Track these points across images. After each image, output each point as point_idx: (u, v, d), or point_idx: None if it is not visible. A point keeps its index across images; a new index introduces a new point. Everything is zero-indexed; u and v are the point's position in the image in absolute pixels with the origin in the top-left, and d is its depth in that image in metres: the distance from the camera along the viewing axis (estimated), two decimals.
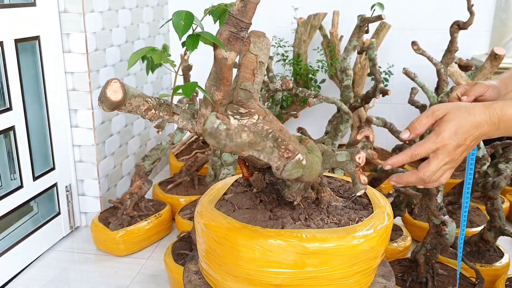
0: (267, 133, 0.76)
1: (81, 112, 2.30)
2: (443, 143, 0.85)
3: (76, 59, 2.24)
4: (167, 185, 2.58)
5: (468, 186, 1.23)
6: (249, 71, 0.80)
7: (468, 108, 0.87)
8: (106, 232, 2.16)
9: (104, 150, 2.43)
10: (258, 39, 0.82)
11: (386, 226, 0.97)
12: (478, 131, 0.86)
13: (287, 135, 0.78)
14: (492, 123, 0.86)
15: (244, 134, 0.75)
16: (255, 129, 0.76)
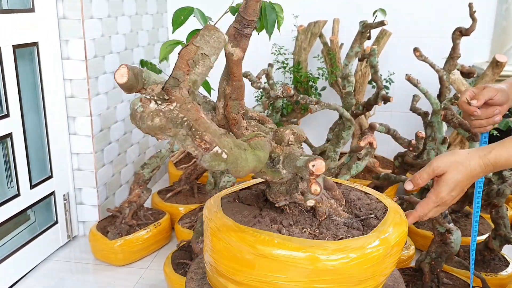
0: (181, 121, 0.78)
1: (79, 120, 2.27)
2: (442, 201, 0.99)
3: (75, 66, 2.21)
4: (166, 194, 2.54)
5: (477, 207, 1.24)
6: (184, 61, 0.81)
7: (465, 164, 0.97)
8: (104, 241, 2.12)
9: (102, 158, 2.39)
10: (208, 32, 0.82)
11: (368, 254, 0.87)
12: (473, 180, 0.98)
13: (203, 126, 0.79)
14: (487, 171, 0.98)
15: (156, 118, 0.78)
16: (169, 115, 0.78)
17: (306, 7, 2.99)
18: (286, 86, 2.29)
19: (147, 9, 2.84)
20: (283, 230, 0.91)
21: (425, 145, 2.18)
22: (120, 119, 2.56)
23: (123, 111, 2.59)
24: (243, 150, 0.83)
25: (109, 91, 2.42)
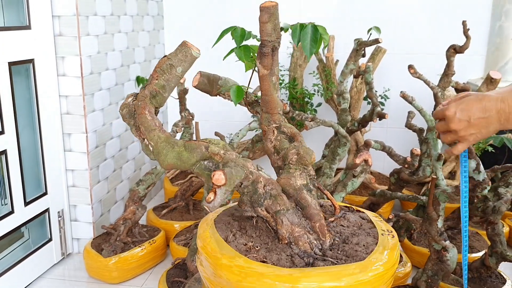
0: (133, 114, 1.02)
1: (75, 136, 2.27)
2: (448, 110, 0.98)
3: (70, 83, 2.22)
4: (162, 210, 2.53)
5: (465, 185, 1.22)
6: (156, 69, 1.01)
7: (479, 96, 0.97)
8: (99, 259, 2.11)
9: (98, 174, 2.38)
10: (181, 48, 1.00)
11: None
12: (483, 114, 0.96)
13: (141, 120, 0.98)
14: (502, 111, 0.94)
15: (125, 109, 1.05)
16: (130, 108, 1.04)
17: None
18: (282, 103, 2.29)
19: (144, 26, 2.86)
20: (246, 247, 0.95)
21: (421, 162, 2.18)
22: (116, 135, 2.56)
23: (119, 127, 2.58)
24: (171, 147, 0.94)
25: (105, 107, 2.42)
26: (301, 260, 0.91)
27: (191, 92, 2.97)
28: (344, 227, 1.04)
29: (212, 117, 3.22)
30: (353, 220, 1.06)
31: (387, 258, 0.92)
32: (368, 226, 1.04)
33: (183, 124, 2.22)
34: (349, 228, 1.04)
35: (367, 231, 1.02)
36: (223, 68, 3.13)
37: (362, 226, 1.04)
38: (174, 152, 0.95)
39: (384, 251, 0.94)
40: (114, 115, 2.53)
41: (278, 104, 1.02)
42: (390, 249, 0.95)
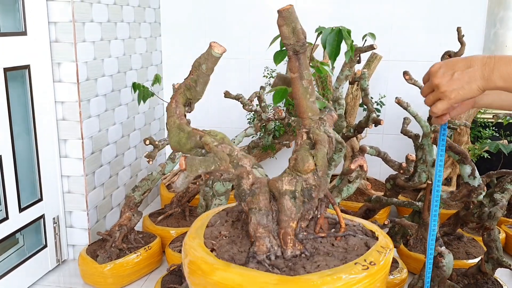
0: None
1: (70, 142, 2.27)
2: (433, 66, 0.95)
3: (66, 89, 2.22)
4: (158, 217, 2.52)
5: (441, 159, 1.16)
6: (192, 67, 1.11)
7: (467, 56, 0.95)
8: (94, 266, 2.10)
9: (93, 180, 2.38)
10: (208, 48, 1.07)
11: None
12: (467, 67, 0.91)
13: (168, 111, 1.09)
14: (487, 65, 0.91)
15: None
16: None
17: None
18: (277, 109, 2.30)
19: (141, 33, 2.86)
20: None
21: (416, 168, 2.18)
22: (112, 141, 2.55)
23: (115, 133, 2.58)
24: (178, 132, 1.04)
25: (101, 113, 2.42)
26: (248, 259, 0.91)
27: None
28: (329, 246, 0.96)
29: (208, 123, 3.22)
30: (351, 244, 0.97)
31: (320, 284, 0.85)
32: (357, 253, 0.96)
33: None
34: (332, 248, 0.96)
35: (347, 256, 0.94)
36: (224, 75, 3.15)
37: (351, 251, 0.96)
38: (178, 137, 1.04)
39: (332, 276, 0.86)
40: (110, 121, 2.53)
41: (309, 109, 1.00)
42: (338, 280, 0.86)
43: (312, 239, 0.96)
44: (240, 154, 1.01)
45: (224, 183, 1.93)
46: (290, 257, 0.92)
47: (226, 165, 0.99)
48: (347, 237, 0.99)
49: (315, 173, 0.95)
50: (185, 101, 1.11)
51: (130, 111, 2.74)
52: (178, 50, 3.18)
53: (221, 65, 3.18)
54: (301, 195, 0.94)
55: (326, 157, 0.97)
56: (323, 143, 0.97)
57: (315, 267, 0.88)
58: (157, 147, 2.09)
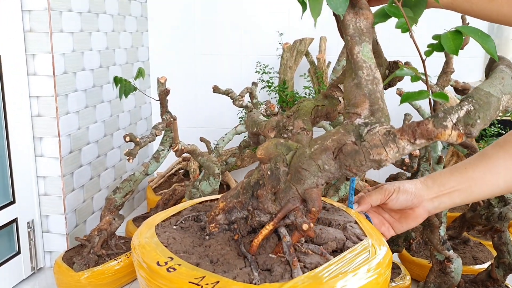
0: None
1: (46, 140, 2.10)
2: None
3: (42, 82, 2.05)
4: (142, 221, 2.35)
5: None
6: None
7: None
8: (70, 274, 1.92)
9: (72, 182, 2.21)
10: None
11: None
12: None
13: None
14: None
15: None
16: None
17: (291, 25, 2.87)
18: (269, 104, 2.14)
19: (126, 27, 2.71)
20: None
21: (419, 166, 2.03)
22: (93, 140, 2.39)
23: (97, 132, 2.42)
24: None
25: (80, 110, 2.26)
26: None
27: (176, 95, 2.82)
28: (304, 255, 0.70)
29: (198, 122, 3.06)
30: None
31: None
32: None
33: (163, 127, 2.06)
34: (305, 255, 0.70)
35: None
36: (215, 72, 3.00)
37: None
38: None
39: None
40: (91, 119, 2.36)
41: (346, 95, 0.68)
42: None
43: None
44: (296, 132, 0.78)
45: (211, 182, 1.76)
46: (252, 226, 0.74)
47: (264, 131, 0.82)
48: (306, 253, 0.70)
49: (273, 169, 0.69)
50: None
51: (113, 109, 2.58)
52: (166, 47, 3.02)
53: (212, 61, 3.04)
54: (247, 184, 0.73)
55: (302, 160, 0.66)
56: (313, 142, 0.68)
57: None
58: (138, 145, 1.93)
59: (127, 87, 2.11)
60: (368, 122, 0.65)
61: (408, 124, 0.63)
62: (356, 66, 0.67)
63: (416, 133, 0.61)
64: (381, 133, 0.63)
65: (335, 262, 0.66)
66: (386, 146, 0.62)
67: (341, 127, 0.67)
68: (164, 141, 2.13)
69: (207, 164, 1.75)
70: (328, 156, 0.65)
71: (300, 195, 0.67)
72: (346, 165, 0.64)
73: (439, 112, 0.62)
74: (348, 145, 0.64)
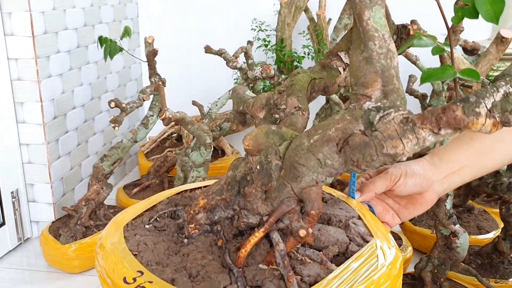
0: None
1: (28, 105, 1.97)
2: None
3: (20, 43, 1.91)
4: (133, 189, 2.26)
5: None
6: None
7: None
8: (56, 246, 1.84)
9: (57, 149, 2.10)
10: None
11: None
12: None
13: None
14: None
15: None
16: None
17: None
18: (265, 66, 2.00)
19: None
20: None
21: None
22: (79, 104, 2.26)
23: (83, 95, 2.29)
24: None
25: (64, 72, 2.12)
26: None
27: (166, 54, 2.67)
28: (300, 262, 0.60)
29: (191, 84, 2.92)
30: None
31: None
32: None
33: (151, 91, 1.93)
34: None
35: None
36: (208, 30, 2.83)
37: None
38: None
39: None
40: (76, 82, 2.22)
41: (354, 71, 0.56)
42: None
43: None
44: (289, 112, 0.67)
45: (202, 153, 1.65)
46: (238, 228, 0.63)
47: (252, 111, 0.69)
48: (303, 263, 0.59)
49: (262, 162, 0.57)
50: None
51: (100, 70, 2.43)
52: (156, 3, 2.84)
53: (205, 18, 2.87)
54: (233, 179, 0.61)
55: (299, 153, 0.55)
56: (313, 131, 0.56)
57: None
58: (125, 111, 1.80)
59: (113, 47, 1.97)
60: (381, 106, 0.52)
61: (430, 110, 0.51)
62: (366, 36, 0.54)
63: (441, 121, 0.49)
64: (397, 121, 0.51)
65: (339, 274, 0.55)
66: (403, 137, 0.50)
67: (347, 112, 0.54)
68: (153, 106, 2.00)
69: (197, 133, 1.63)
70: (331, 148, 0.53)
71: (297, 195, 0.56)
72: (353, 160, 0.52)
73: (469, 95, 0.50)
74: (356, 136, 0.52)
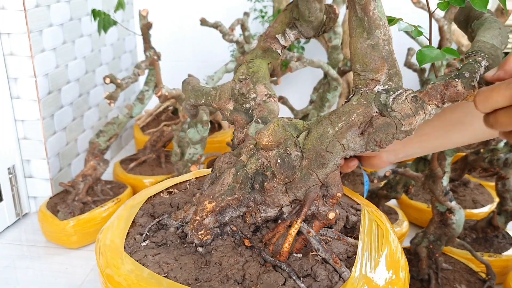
0: None
1: (22, 81, 1.95)
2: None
3: (11, 18, 1.86)
4: (130, 164, 2.25)
5: None
6: None
7: None
8: (55, 222, 1.85)
9: (53, 124, 2.08)
10: None
11: None
12: None
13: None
14: None
15: None
16: None
17: None
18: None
19: None
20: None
21: None
22: (74, 79, 2.23)
23: (77, 69, 2.25)
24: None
25: (57, 47, 2.08)
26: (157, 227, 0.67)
27: (161, 27, 2.62)
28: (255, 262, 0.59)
29: (187, 57, 2.88)
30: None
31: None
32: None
33: (146, 65, 1.90)
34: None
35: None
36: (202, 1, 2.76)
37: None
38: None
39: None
40: (70, 56, 2.19)
41: (359, 57, 0.57)
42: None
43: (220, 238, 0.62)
44: (261, 100, 0.68)
45: (199, 130, 1.64)
46: (187, 241, 0.62)
47: (220, 104, 0.69)
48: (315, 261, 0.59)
49: (282, 155, 0.58)
50: (289, 20, 0.72)
51: (94, 43, 2.39)
52: None
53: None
54: (245, 177, 0.60)
55: (324, 141, 0.57)
56: (336, 118, 0.58)
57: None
58: (120, 87, 1.78)
59: (106, 21, 1.93)
60: (388, 89, 0.56)
61: (433, 86, 0.55)
62: (373, 25, 0.56)
63: (445, 96, 0.54)
64: (409, 100, 0.55)
65: (363, 246, 0.59)
66: (416, 114, 0.55)
67: (361, 97, 0.57)
68: (148, 81, 1.98)
69: None
70: (354, 133, 0.56)
71: (321, 181, 0.59)
72: (377, 141, 0.56)
73: (463, 71, 0.55)
74: (378, 118, 0.56)
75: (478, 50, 0.58)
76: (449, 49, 0.64)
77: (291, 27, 0.70)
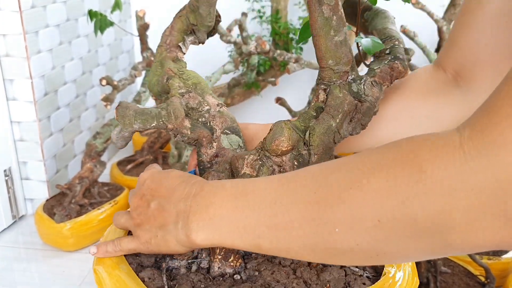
0: None
1: (18, 82, 1.93)
2: (141, 175, 0.62)
3: (7, 18, 1.85)
4: (127, 165, 2.24)
5: None
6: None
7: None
8: (52, 225, 1.83)
9: (49, 126, 2.07)
10: None
11: None
12: (169, 191, 0.54)
13: (161, 39, 0.76)
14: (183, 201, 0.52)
15: None
16: None
17: None
18: (260, 40, 1.96)
19: None
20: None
21: None
22: (70, 80, 2.21)
23: (74, 70, 2.24)
24: (158, 68, 0.75)
25: (54, 48, 2.07)
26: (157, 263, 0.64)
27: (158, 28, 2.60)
28: (284, 275, 0.59)
29: (185, 58, 2.86)
30: (326, 278, 0.59)
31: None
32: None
33: (143, 66, 1.89)
34: (287, 280, 0.58)
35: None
36: None
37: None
38: (153, 75, 0.74)
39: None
40: (67, 57, 2.17)
41: (330, 53, 0.62)
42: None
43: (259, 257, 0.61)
44: (215, 111, 0.67)
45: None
46: (215, 274, 0.58)
47: (177, 124, 0.66)
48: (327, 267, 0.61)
49: (297, 156, 0.60)
50: (187, 27, 0.74)
51: (91, 44, 2.38)
52: None
53: None
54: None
55: (330, 134, 0.60)
56: (334, 111, 0.61)
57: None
58: (116, 88, 1.77)
59: (103, 21, 1.91)
60: (355, 78, 0.63)
61: (382, 70, 0.65)
62: (341, 23, 0.62)
63: (393, 76, 0.64)
64: (373, 85, 0.63)
65: None
66: (381, 95, 0.64)
67: (341, 89, 0.63)
68: (145, 82, 1.96)
69: None
70: (346, 121, 0.63)
71: None
72: (363, 124, 0.63)
73: (396, 53, 0.66)
74: (363, 104, 0.63)
75: (391, 36, 0.70)
76: (374, 42, 0.71)
77: (188, 34, 0.72)
